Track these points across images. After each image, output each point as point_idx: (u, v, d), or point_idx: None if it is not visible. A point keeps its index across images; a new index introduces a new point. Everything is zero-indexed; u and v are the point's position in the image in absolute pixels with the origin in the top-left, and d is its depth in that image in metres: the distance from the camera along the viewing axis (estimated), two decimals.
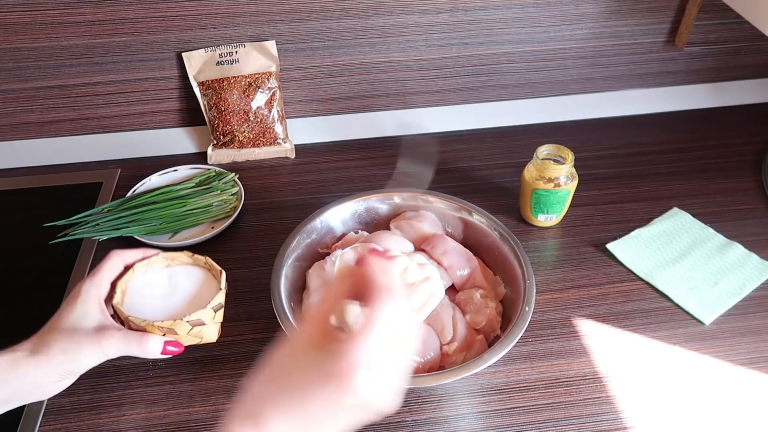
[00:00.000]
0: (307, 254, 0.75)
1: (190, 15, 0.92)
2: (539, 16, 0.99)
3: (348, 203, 0.79)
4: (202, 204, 0.86)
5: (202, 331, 0.60)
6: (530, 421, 0.64)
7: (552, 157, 0.81)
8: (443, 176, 0.94)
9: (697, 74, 1.10)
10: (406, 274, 0.69)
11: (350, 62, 1.00)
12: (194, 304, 0.61)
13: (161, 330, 0.58)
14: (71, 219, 0.84)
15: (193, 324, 0.59)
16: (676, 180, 0.93)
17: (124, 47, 0.93)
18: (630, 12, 1.00)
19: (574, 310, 0.75)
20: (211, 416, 0.65)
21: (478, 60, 1.03)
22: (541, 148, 0.81)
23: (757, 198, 0.90)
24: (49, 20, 0.89)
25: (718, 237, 0.83)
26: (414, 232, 0.76)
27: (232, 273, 0.79)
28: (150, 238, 0.83)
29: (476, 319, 0.68)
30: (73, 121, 1.01)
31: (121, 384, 0.68)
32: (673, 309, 0.74)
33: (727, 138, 1.01)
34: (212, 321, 0.60)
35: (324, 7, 0.93)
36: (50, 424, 0.64)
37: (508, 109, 1.07)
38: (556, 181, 0.80)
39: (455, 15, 0.97)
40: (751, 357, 0.69)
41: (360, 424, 0.41)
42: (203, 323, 0.60)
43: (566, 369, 0.68)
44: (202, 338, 0.61)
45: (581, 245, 0.83)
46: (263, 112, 0.97)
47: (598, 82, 1.09)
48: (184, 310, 0.60)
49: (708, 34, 1.03)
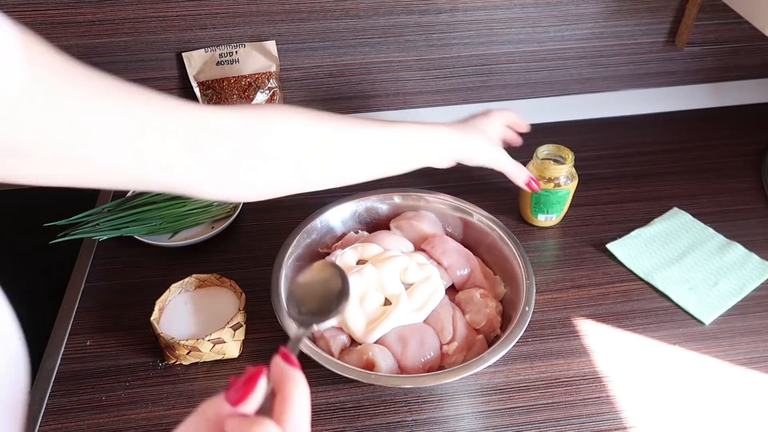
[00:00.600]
0: (307, 254, 0.75)
1: (190, 15, 0.92)
2: (539, 16, 0.99)
3: (348, 203, 0.79)
4: (202, 204, 0.86)
5: (223, 349, 0.67)
6: (530, 421, 0.64)
7: (552, 157, 0.81)
8: (443, 176, 0.94)
9: (697, 74, 1.10)
10: (406, 274, 0.70)
11: (350, 62, 1.00)
12: (216, 323, 0.68)
13: (186, 348, 0.65)
14: (71, 219, 0.84)
15: (214, 342, 0.66)
16: (676, 180, 0.93)
17: (124, 47, 0.93)
18: (630, 12, 1.00)
19: (574, 310, 0.75)
20: None
21: (478, 60, 1.03)
22: (541, 148, 0.81)
23: (757, 198, 0.90)
24: (49, 20, 0.89)
25: (718, 237, 0.83)
26: (414, 232, 0.76)
27: (233, 273, 0.79)
28: (150, 238, 0.83)
29: (476, 319, 0.68)
30: None
31: (121, 384, 0.68)
32: (673, 309, 0.74)
33: (727, 138, 1.01)
34: (232, 339, 0.67)
35: (324, 7, 0.93)
36: (50, 424, 0.64)
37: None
38: (556, 180, 0.80)
39: (455, 15, 0.97)
40: (751, 357, 0.69)
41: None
42: (223, 341, 0.66)
43: (566, 369, 0.68)
44: (224, 354, 0.68)
45: (581, 245, 0.83)
46: None
47: (598, 82, 1.09)
48: (207, 329, 0.67)
49: (708, 34, 1.03)
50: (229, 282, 0.73)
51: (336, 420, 0.64)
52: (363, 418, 0.64)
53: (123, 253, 0.84)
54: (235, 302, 0.71)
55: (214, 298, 0.73)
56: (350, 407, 0.65)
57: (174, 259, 0.82)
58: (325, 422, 0.64)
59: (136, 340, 0.72)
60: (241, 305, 0.69)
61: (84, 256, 0.83)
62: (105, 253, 0.84)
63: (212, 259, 0.82)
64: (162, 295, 0.70)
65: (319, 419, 0.64)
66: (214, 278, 0.73)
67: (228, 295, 0.73)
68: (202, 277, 0.73)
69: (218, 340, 0.66)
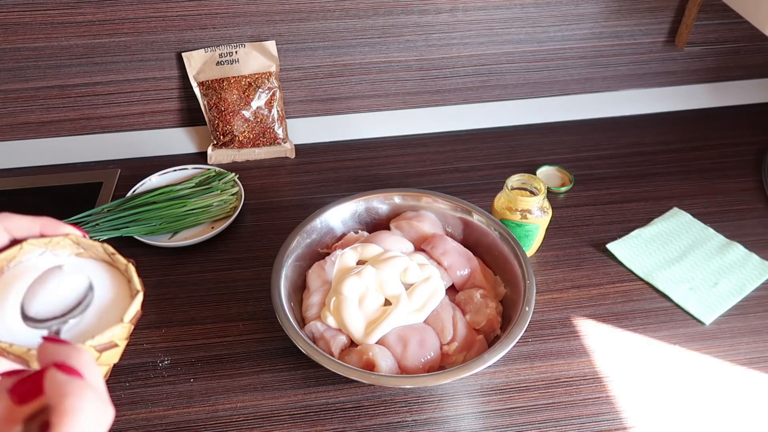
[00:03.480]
0: (307, 254, 0.75)
1: (190, 15, 0.92)
2: (539, 16, 0.99)
3: (348, 203, 0.79)
4: (202, 204, 0.86)
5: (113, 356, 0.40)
6: (530, 421, 0.64)
7: (525, 187, 0.76)
8: (443, 176, 0.95)
9: (697, 74, 1.10)
10: (406, 274, 0.69)
11: (350, 62, 1.00)
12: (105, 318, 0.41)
13: (8, 356, 0.37)
14: (71, 219, 0.84)
15: (100, 350, 0.38)
16: (676, 180, 0.93)
17: (124, 47, 0.93)
18: (630, 12, 1.00)
19: (574, 310, 0.75)
20: (210, 416, 0.65)
21: (478, 60, 1.03)
22: (513, 178, 0.75)
23: (757, 198, 0.90)
24: (49, 20, 0.89)
25: (718, 237, 0.83)
26: (414, 232, 0.76)
27: (232, 273, 0.79)
28: (150, 238, 0.83)
29: (476, 319, 0.68)
30: (73, 121, 1.01)
31: (121, 384, 0.68)
32: (673, 309, 0.74)
33: (727, 138, 1.01)
34: (125, 339, 0.40)
35: (324, 7, 0.93)
36: None
37: (508, 109, 1.07)
38: (525, 213, 0.75)
39: (455, 15, 0.97)
40: (751, 357, 0.69)
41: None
42: (116, 345, 0.39)
43: (566, 369, 0.68)
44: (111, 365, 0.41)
45: (581, 245, 0.83)
46: (263, 112, 0.97)
47: (598, 82, 1.09)
48: (91, 328, 0.40)
49: (708, 34, 1.03)
50: (125, 265, 0.43)
51: (336, 420, 0.64)
52: (363, 418, 0.64)
53: (123, 254, 0.83)
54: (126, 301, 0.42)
55: (98, 278, 0.43)
56: (350, 407, 0.65)
57: (174, 259, 0.82)
58: (325, 422, 0.64)
59: (136, 341, 0.72)
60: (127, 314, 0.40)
61: None
62: None
63: (212, 259, 0.82)
64: (6, 251, 0.40)
65: (319, 419, 0.64)
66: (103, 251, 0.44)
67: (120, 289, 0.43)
68: (85, 243, 0.43)
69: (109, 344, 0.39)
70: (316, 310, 0.69)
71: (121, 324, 0.39)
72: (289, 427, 0.64)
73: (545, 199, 0.76)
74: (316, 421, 0.64)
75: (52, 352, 0.31)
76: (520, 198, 0.74)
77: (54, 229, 0.41)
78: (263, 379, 0.68)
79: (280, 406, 0.66)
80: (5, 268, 0.41)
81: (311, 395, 0.67)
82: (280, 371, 0.69)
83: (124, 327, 0.39)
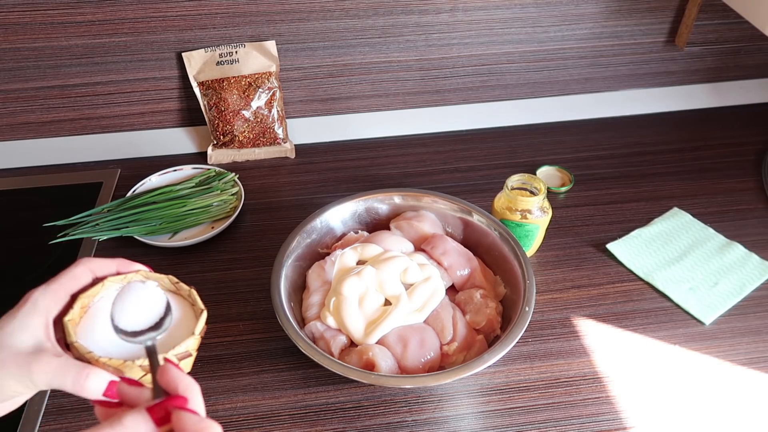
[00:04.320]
0: (307, 254, 0.75)
1: (190, 15, 0.92)
2: (539, 16, 0.99)
3: (348, 203, 0.79)
4: (202, 204, 0.86)
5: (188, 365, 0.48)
6: (530, 421, 0.64)
7: (525, 187, 0.76)
8: (443, 176, 0.95)
9: (697, 74, 1.10)
10: (406, 275, 0.69)
11: (350, 62, 1.00)
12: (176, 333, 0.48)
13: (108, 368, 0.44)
14: (71, 219, 0.84)
15: (180, 358, 0.46)
16: (676, 180, 0.93)
17: (124, 47, 0.93)
18: (630, 12, 1.00)
19: (574, 310, 0.75)
20: (210, 416, 0.64)
21: (478, 60, 1.03)
22: (513, 178, 0.76)
23: (757, 198, 0.90)
24: (49, 20, 0.89)
25: (718, 237, 0.83)
26: (414, 232, 0.76)
27: (232, 273, 0.79)
28: (150, 238, 0.83)
29: (476, 319, 0.68)
30: (73, 121, 1.01)
31: None
32: (673, 309, 0.74)
33: (727, 138, 1.01)
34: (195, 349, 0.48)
35: (324, 7, 0.93)
36: (50, 424, 0.64)
37: (508, 109, 1.07)
38: (525, 213, 0.75)
39: (455, 15, 0.97)
40: (751, 357, 0.69)
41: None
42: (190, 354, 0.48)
43: (566, 369, 0.68)
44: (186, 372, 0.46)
45: (581, 245, 0.83)
46: (263, 112, 0.97)
47: (598, 82, 1.09)
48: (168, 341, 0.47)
49: (708, 34, 1.03)
50: (188, 291, 0.51)
51: (336, 420, 0.64)
52: (363, 418, 0.64)
53: (123, 254, 0.82)
54: (191, 320, 0.50)
55: None
56: (350, 407, 0.65)
57: (174, 259, 0.82)
58: (325, 422, 0.64)
59: None
60: (197, 328, 0.48)
61: (84, 257, 0.83)
62: (105, 254, 0.84)
63: (212, 259, 0.82)
64: (90, 289, 0.48)
65: (319, 419, 0.64)
66: (169, 281, 0.52)
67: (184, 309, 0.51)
68: (154, 276, 0.52)
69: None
70: (316, 310, 0.69)
71: (193, 336, 0.47)
72: (288, 427, 0.64)
73: (545, 199, 0.76)
74: (316, 421, 0.64)
75: (175, 378, 0.39)
76: (520, 198, 0.74)
77: (127, 266, 0.49)
78: (263, 379, 0.68)
79: (280, 406, 0.66)
80: (91, 303, 0.48)
81: (311, 395, 0.67)
82: (280, 371, 0.69)
83: (195, 339, 0.47)
